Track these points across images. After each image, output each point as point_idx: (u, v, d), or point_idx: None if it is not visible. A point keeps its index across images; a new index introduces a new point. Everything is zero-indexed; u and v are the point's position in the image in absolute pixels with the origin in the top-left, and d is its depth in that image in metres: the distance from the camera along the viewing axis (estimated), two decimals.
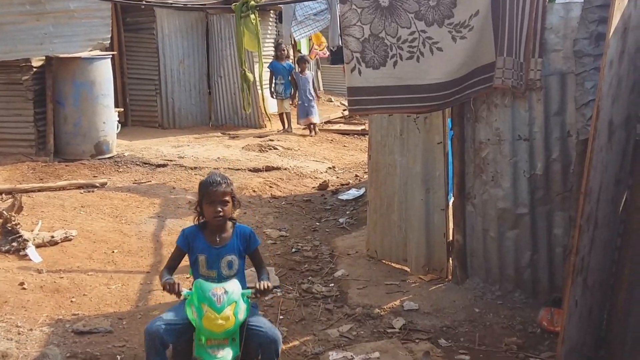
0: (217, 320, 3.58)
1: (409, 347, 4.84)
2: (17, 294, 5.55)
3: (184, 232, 3.98)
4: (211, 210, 3.79)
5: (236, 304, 3.65)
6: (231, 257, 3.91)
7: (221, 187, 3.78)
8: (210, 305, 3.59)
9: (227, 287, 3.69)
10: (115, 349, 4.85)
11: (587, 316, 3.92)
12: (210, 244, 3.89)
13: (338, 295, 5.83)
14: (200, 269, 3.89)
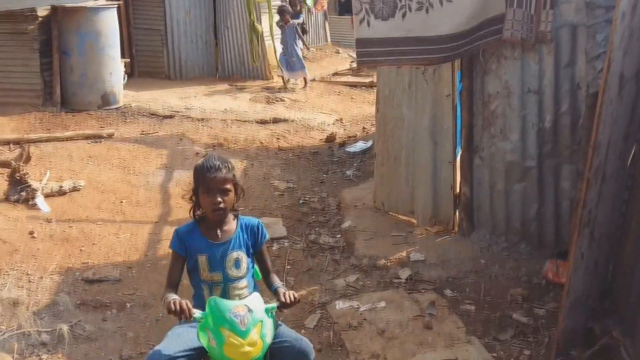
0: (242, 347, 2.86)
1: (415, 297, 4.89)
2: (27, 243, 5.62)
3: (177, 233, 3.23)
4: (209, 201, 3.10)
5: (262, 324, 2.94)
6: (238, 253, 3.22)
7: (221, 173, 3.09)
8: (232, 329, 2.87)
9: (249, 304, 2.97)
10: (125, 297, 4.93)
11: (593, 268, 3.94)
12: (210, 241, 3.19)
13: (345, 247, 5.88)
14: (202, 273, 3.18)
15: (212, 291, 3.16)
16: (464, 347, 4.24)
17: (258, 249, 3.30)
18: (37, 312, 4.53)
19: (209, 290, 3.17)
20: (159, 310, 4.76)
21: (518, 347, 4.24)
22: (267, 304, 3.05)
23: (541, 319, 4.51)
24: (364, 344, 4.34)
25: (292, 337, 3.14)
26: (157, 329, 4.52)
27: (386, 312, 4.69)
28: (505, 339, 4.33)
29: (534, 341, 4.30)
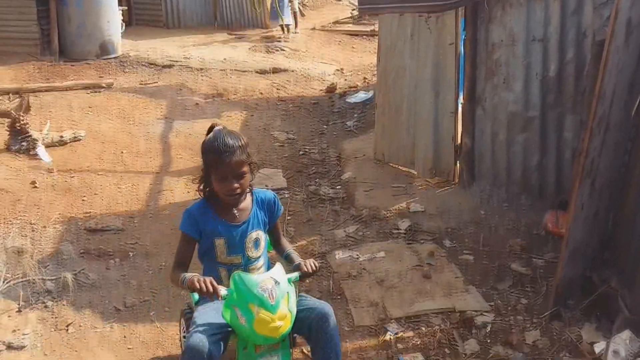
0: (274, 322, 2.71)
1: (414, 248, 4.94)
2: (30, 193, 5.64)
3: (188, 213, 3.00)
4: (224, 187, 2.87)
5: (289, 296, 2.80)
6: (257, 233, 3.04)
7: (235, 156, 2.82)
8: (261, 305, 2.71)
9: (275, 277, 2.81)
10: (127, 246, 4.97)
11: (593, 218, 3.96)
12: (227, 222, 2.97)
13: (345, 198, 5.90)
14: (219, 257, 3.00)
15: (231, 273, 2.90)
16: (462, 296, 4.29)
17: (273, 223, 3.14)
18: (41, 261, 4.58)
19: (227, 272, 2.95)
20: (161, 259, 4.81)
21: (516, 296, 4.29)
22: (288, 274, 2.90)
23: (539, 269, 4.56)
24: (363, 292, 4.39)
25: (311, 301, 3.01)
26: (159, 277, 4.58)
27: (385, 262, 4.74)
28: (503, 289, 4.39)
29: (532, 291, 4.35)
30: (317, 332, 2.91)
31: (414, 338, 3.94)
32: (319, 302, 3.01)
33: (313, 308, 2.93)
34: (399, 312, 4.15)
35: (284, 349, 2.89)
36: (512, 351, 3.74)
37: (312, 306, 2.95)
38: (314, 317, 2.91)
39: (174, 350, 3.82)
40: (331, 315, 2.94)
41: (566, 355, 3.69)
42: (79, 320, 4.03)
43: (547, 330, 3.93)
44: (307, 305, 2.95)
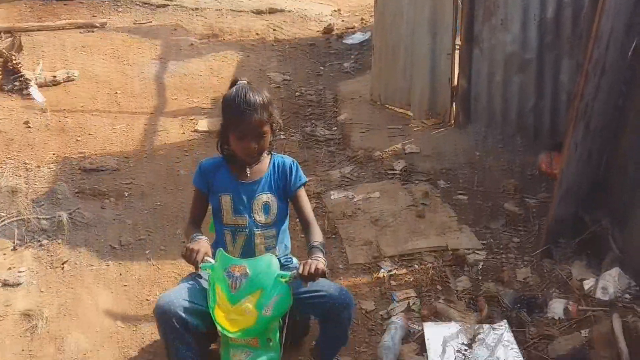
0: (229, 314, 2.50)
1: (409, 188, 4.95)
2: (23, 133, 5.61)
3: (200, 167, 2.92)
4: (242, 146, 2.73)
5: (262, 293, 2.51)
6: (267, 196, 2.84)
7: (256, 115, 2.66)
8: (223, 290, 2.52)
9: (250, 266, 2.56)
10: (123, 186, 4.98)
11: (586, 160, 3.96)
12: (237, 179, 2.85)
13: (341, 139, 5.89)
14: (225, 217, 2.85)
15: (236, 238, 2.85)
16: (454, 235, 4.34)
17: (291, 192, 2.89)
18: (35, 200, 4.59)
19: (232, 236, 2.86)
20: (156, 199, 4.83)
21: (508, 236, 4.34)
22: (281, 270, 2.62)
23: (532, 209, 4.59)
24: (358, 232, 4.43)
25: (328, 285, 2.77)
26: (155, 216, 4.61)
27: (380, 202, 4.76)
28: (496, 228, 4.43)
29: (524, 230, 4.39)
30: (337, 318, 2.78)
31: (407, 275, 4.00)
32: (339, 290, 2.79)
33: (332, 296, 2.73)
34: (392, 251, 4.20)
35: (267, 351, 2.58)
36: (503, 288, 3.80)
37: (332, 293, 2.74)
38: (336, 305, 2.73)
39: (170, 287, 3.86)
40: (352, 306, 2.79)
41: (556, 291, 3.74)
42: (74, 258, 4.06)
43: (538, 267, 3.98)
44: (325, 291, 2.74)
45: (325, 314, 2.80)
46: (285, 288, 2.58)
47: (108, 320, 3.58)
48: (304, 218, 2.91)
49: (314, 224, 2.88)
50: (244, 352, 2.56)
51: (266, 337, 2.58)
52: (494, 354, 3.30)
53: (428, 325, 3.51)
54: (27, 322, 3.46)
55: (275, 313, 2.54)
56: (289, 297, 2.59)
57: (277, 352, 2.61)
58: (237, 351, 2.56)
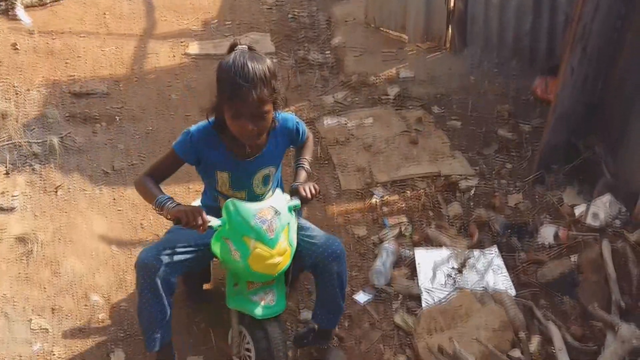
0: (272, 258, 2.39)
1: (402, 114, 4.92)
2: (11, 56, 5.49)
3: (189, 136, 2.48)
4: (238, 127, 2.34)
5: (289, 227, 2.48)
6: (268, 169, 2.61)
7: (255, 91, 2.23)
8: (259, 239, 2.37)
9: (276, 205, 2.46)
10: (113, 111, 4.92)
11: (582, 84, 3.92)
12: (236, 158, 2.52)
13: (334, 63, 5.80)
14: (220, 187, 2.62)
15: None
16: (447, 161, 4.34)
17: (297, 145, 2.75)
18: (26, 125, 4.53)
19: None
20: (148, 123, 4.79)
21: (500, 161, 4.34)
22: (289, 202, 2.54)
23: (526, 134, 4.58)
24: (350, 158, 4.42)
25: (318, 235, 2.68)
26: (147, 141, 4.58)
27: (373, 128, 4.74)
28: (489, 154, 4.43)
29: (517, 155, 4.40)
30: (326, 272, 2.66)
31: (399, 202, 4.02)
32: (327, 237, 2.68)
33: (321, 245, 2.63)
34: (385, 177, 4.21)
35: (279, 284, 2.59)
36: (494, 213, 3.83)
37: (320, 242, 2.64)
38: (323, 255, 2.63)
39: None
40: (343, 255, 2.68)
41: (547, 217, 3.78)
42: (67, 183, 4.05)
43: (530, 193, 4.01)
44: (313, 239, 2.65)
45: (314, 266, 2.68)
46: (293, 215, 2.56)
47: (103, 245, 3.60)
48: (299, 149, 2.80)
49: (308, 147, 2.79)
50: (267, 292, 2.55)
51: None
52: (483, 278, 3.36)
53: (419, 251, 3.55)
54: (23, 247, 3.48)
55: (296, 241, 2.55)
56: (295, 221, 2.60)
57: (283, 284, 2.64)
58: (262, 294, 2.54)
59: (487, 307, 3.06)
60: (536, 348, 2.93)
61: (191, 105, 5.05)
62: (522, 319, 3.04)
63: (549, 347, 2.91)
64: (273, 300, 2.53)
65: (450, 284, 3.35)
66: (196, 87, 5.31)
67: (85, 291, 3.26)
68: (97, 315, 3.14)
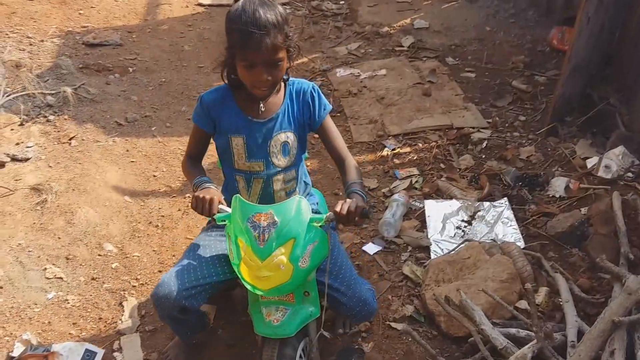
0: (259, 271, 2.08)
1: (416, 65, 4.87)
2: (25, 5, 5.49)
3: (202, 101, 2.34)
4: (251, 77, 2.17)
5: (296, 242, 2.10)
6: (286, 135, 2.35)
7: (268, 38, 2.07)
8: (249, 244, 2.10)
9: (277, 212, 2.12)
10: (127, 62, 4.92)
11: (598, 33, 3.85)
12: (249, 117, 2.31)
13: (348, 13, 5.74)
14: (237, 161, 2.37)
15: (250, 185, 2.41)
16: (460, 113, 4.30)
17: (317, 124, 2.38)
18: (40, 75, 4.55)
19: (246, 183, 2.41)
20: (161, 75, 4.79)
21: (514, 113, 4.30)
22: (313, 214, 2.19)
23: (540, 86, 4.53)
24: (363, 110, 4.40)
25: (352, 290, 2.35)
26: (160, 92, 4.59)
27: (386, 79, 4.70)
28: (502, 106, 4.38)
29: (531, 107, 4.35)
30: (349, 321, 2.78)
31: (411, 154, 4.01)
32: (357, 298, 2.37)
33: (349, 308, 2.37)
34: (397, 129, 4.19)
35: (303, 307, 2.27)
36: (506, 165, 3.81)
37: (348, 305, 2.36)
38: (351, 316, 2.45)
39: (176, 163, 3.92)
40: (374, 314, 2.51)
41: (558, 169, 3.75)
42: (81, 133, 4.09)
43: (542, 146, 3.98)
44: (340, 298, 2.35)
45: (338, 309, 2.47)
46: (321, 233, 2.20)
47: (116, 195, 3.65)
48: (336, 152, 2.40)
49: (349, 158, 2.38)
50: (278, 309, 2.23)
51: (303, 291, 2.27)
52: (492, 230, 3.37)
53: (429, 202, 3.56)
54: (37, 196, 3.53)
55: (313, 263, 2.17)
56: (326, 243, 2.23)
57: (316, 306, 2.30)
58: (271, 309, 2.23)
59: (495, 258, 3.07)
60: (543, 299, 2.95)
61: (204, 57, 5.03)
62: (530, 271, 3.05)
63: (556, 298, 2.93)
64: (278, 320, 2.21)
65: (460, 235, 3.36)
66: (209, 37, 5.29)
67: (98, 240, 3.32)
68: (110, 264, 3.20)
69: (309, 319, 2.28)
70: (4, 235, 3.28)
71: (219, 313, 2.94)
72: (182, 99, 4.52)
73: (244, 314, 2.75)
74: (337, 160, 2.41)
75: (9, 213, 3.41)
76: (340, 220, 2.12)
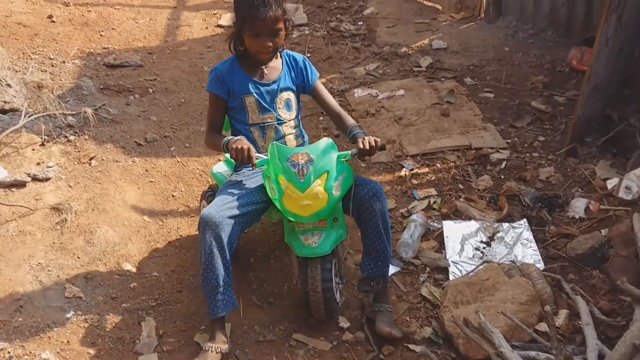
0: (301, 200, 2.59)
1: (434, 85, 4.87)
2: (47, 27, 5.58)
3: (215, 72, 2.91)
4: (257, 44, 2.76)
5: (328, 175, 2.62)
6: (288, 94, 2.95)
7: (271, 11, 2.66)
8: (290, 180, 2.61)
9: (312, 151, 2.67)
10: (147, 82, 4.97)
11: (617, 54, 3.83)
12: (257, 80, 2.90)
13: (366, 34, 5.77)
14: (251, 116, 2.89)
15: (264, 132, 2.91)
16: (479, 133, 4.29)
17: (310, 88, 3.00)
18: (61, 96, 4.61)
19: (261, 132, 2.91)
20: (180, 95, 4.83)
21: (533, 134, 4.28)
22: (340, 152, 2.72)
23: (560, 106, 4.50)
24: (381, 130, 4.40)
25: (358, 178, 2.80)
26: (179, 113, 4.62)
27: (404, 99, 4.71)
28: (522, 126, 4.37)
29: (550, 128, 4.33)
30: (369, 211, 2.74)
31: (429, 174, 4.00)
32: (364, 179, 2.83)
33: (360, 185, 2.75)
34: (415, 150, 4.19)
35: (334, 230, 2.72)
36: (525, 186, 3.79)
37: (359, 183, 2.76)
38: (364, 193, 2.73)
39: (195, 183, 3.94)
40: (383, 193, 2.77)
41: (578, 190, 3.73)
42: (101, 153, 4.12)
43: (562, 166, 3.95)
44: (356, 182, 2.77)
45: (358, 209, 2.76)
46: (347, 167, 2.72)
47: (135, 215, 3.67)
48: (331, 108, 3.00)
49: (343, 111, 2.98)
50: (314, 234, 2.69)
51: (333, 217, 2.71)
52: (512, 251, 3.34)
53: (447, 223, 3.54)
54: (57, 216, 3.56)
55: (343, 191, 2.67)
56: (352, 174, 2.74)
57: (343, 230, 2.77)
58: (308, 235, 2.69)
59: (514, 280, 3.04)
60: (563, 322, 2.91)
61: None
62: (550, 293, 3.02)
63: (577, 321, 2.89)
64: (316, 242, 2.67)
65: (478, 256, 3.34)
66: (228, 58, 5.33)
67: (117, 260, 3.34)
68: (129, 283, 3.21)
69: (339, 239, 2.75)
70: (24, 255, 3.31)
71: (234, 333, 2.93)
72: (201, 119, 4.55)
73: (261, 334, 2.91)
74: (333, 113, 2.99)
75: (29, 232, 3.44)
76: (364, 154, 2.69)
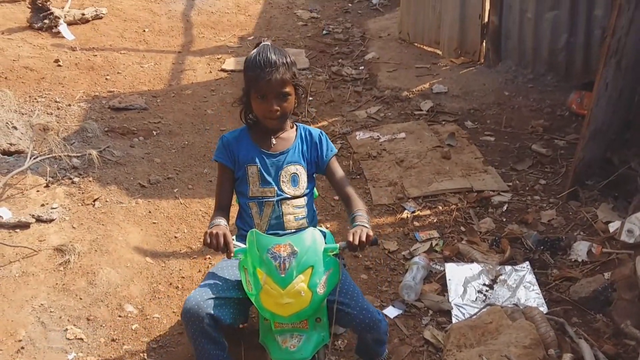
0: (281, 298, 2.23)
1: (435, 129, 4.92)
2: (53, 71, 5.67)
3: (222, 140, 2.71)
4: (263, 107, 2.55)
5: (313, 270, 2.28)
6: (296, 167, 2.67)
7: (278, 73, 2.49)
8: (269, 274, 2.25)
9: (296, 243, 2.31)
10: (151, 125, 5.03)
11: (616, 98, 3.88)
12: (263, 149, 2.66)
13: (367, 78, 5.84)
14: (251, 189, 2.64)
15: (262, 209, 2.64)
16: (480, 176, 4.32)
17: (324, 164, 2.71)
18: (66, 138, 4.66)
19: (259, 207, 2.65)
20: (184, 138, 4.88)
21: (534, 177, 4.31)
22: (328, 244, 2.39)
23: (560, 149, 4.54)
24: (382, 172, 4.43)
25: (356, 299, 2.48)
26: (183, 155, 4.66)
27: (406, 142, 4.75)
28: (523, 169, 4.40)
29: (551, 171, 4.36)
30: (361, 338, 2.61)
31: (431, 216, 4.01)
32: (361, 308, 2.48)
33: (355, 317, 2.46)
34: (416, 192, 4.20)
35: (316, 332, 2.40)
36: (527, 229, 3.79)
37: (354, 313, 2.46)
38: (357, 325, 2.49)
39: (197, 225, 3.95)
40: (378, 324, 2.53)
41: (580, 233, 3.73)
42: (105, 195, 4.15)
43: (564, 209, 3.96)
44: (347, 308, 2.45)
45: (356, 332, 2.58)
46: (334, 262, 2.38)
47: (138, 256, 3.67)
48: (343, 190, 2.69)
49: (354, 194, 2.66)
50: (293, 336, 2.37)
51: (315, 318, 2.40)
52: (515, 294, 3.33)
53: (450, 266, 3.54)
54: (60, 257, 3.57)
55: (328, 289, 2.34)
56: (338, 271, 2.39)
57: (326, 332, 2.44)
58: (286, 337, 2.37)
59: (517, 323, 3.02)
60: None
61: (226, 120, 5.13)
62: (554, 336, 3.00)
63: None
64: (295, 346, 2.34)
65: (481, 299, 3.33)
66: (231, 101, 5.41)
67: (119, 301, 3.33)
68: (130, 325, 3.20)
69: (321, 343, 2.43)
70: (27, 296, 3.30)
71: None
72: (204, 162, 4.59)
73: None
74: (343, 196, 2.69)
75: (32, 273, 3.45)
76: (353, 249, 2.33)
